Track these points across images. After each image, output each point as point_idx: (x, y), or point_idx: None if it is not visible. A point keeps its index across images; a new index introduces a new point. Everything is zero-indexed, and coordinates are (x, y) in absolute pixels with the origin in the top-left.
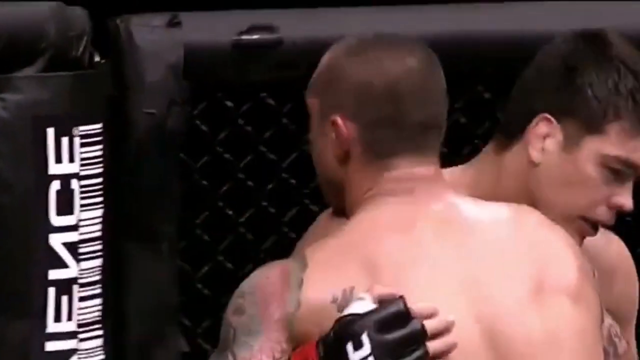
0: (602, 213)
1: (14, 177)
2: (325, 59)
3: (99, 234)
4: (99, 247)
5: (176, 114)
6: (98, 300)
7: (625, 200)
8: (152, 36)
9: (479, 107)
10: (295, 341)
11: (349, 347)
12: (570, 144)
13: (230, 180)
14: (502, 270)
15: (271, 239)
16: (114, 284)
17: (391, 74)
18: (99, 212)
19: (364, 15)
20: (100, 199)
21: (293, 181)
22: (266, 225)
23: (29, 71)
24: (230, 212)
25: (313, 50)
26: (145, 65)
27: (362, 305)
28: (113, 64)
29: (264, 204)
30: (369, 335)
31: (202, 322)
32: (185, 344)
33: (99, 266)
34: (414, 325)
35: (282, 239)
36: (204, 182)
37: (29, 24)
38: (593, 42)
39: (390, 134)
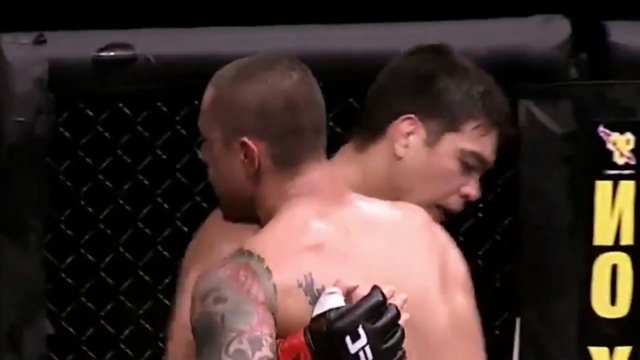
0: (454, 201)
1: None
2: (212, 90)
3: None
4: None
5: (42, 122)
6: None
7: (473, 190)
8: (20, 52)
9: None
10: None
11: (348, 340)
12: (431, 140)
13: (91, 181)
14: (414, 265)
15: (128, 233)
16: None
17: (284, 89)
18: None
19: (213, 34)
20: None
21: (147, 182)
22: (123, 221)
23: None
24: (91, 210)
25: (164, 66)
26: (14, 78)
27: (336, 299)
28: None
29: (121, 202)
30: (363, 327)
31: (66, 307)
32: (51, 326)
33: None
34: (392, 310)
35: (137, 233)
36: (68, 183)
37: None
38: (440, 54)
39: (295, 144)
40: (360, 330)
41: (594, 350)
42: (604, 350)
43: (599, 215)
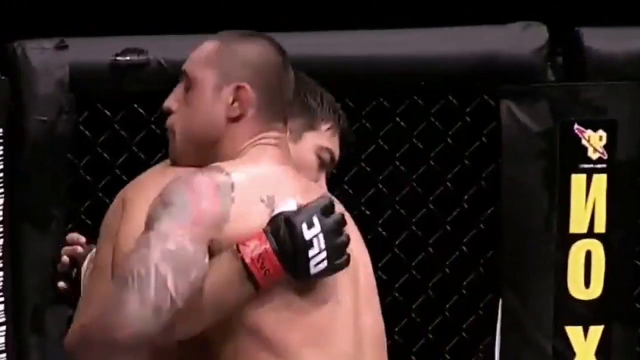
0: None
1: None
2: (215, 42)
3: (0, 218)
4: (1, 229)
5: (64, 121)
6: (0, 273)
7: (323, 185)
8: (43, 57)
9: None
10: (226, 233)
11: (304, 226)
12: (294, 137)
13: (109, 175)
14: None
15: None
16: (13, 260)
17: (279, 57)
18: (1, 201)
19: None
20: (1, 190)
21: None
22: None
23: None
24: (108, 202)
25: (175, 69)
26: (37, 81)
27: (292, 204)
28: (11, 80)
29: None
30: (317, 217)
31: None
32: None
33: (1, 245)
34: (338, 214)
35: None
36: (87, 177)
37: None
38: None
39: (274, 104)
40: (315, 220)
41: (569, 329)
42: (579, 329)
43: (574, 205)
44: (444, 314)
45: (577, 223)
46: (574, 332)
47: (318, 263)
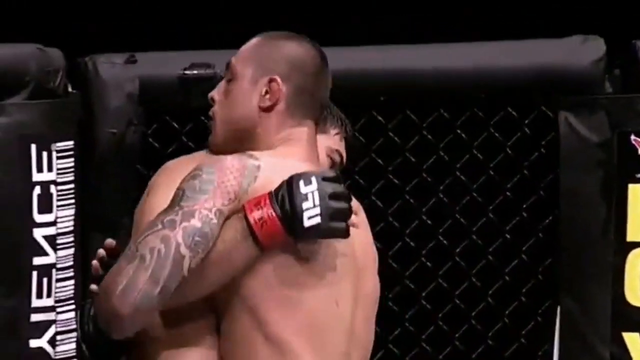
0: None
1: (4, 183)
2: (257, 38)
3: (72, 228)
4: (72, 238)
5: (133, 133)
6: (71, 281)
7: None
8: (113, 71)
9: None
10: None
11: (301, 183)
12: None
13: None
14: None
15: None
16: (83, 268)
17: (317, 59)
18: (72, 211)
19: None
20: (73, 201)
21: None
22: None
23: (16, 99)
24: None
25: None
26: (108, 94)
27: None
28: (83, 93)
29: None
30: (316, 178)
31: None
32: None
33: (72, 254)
34: (342, 188)
35: None
36: None
37: (16, 61)
38: None
39: (307, 102)
40: (313, 179)
41: (626, 336)
42: (636, 335)
43: (631, 214)
44: (503, 320)
45: (634, 231)
46: (631, 339)
47: (311, 217)
